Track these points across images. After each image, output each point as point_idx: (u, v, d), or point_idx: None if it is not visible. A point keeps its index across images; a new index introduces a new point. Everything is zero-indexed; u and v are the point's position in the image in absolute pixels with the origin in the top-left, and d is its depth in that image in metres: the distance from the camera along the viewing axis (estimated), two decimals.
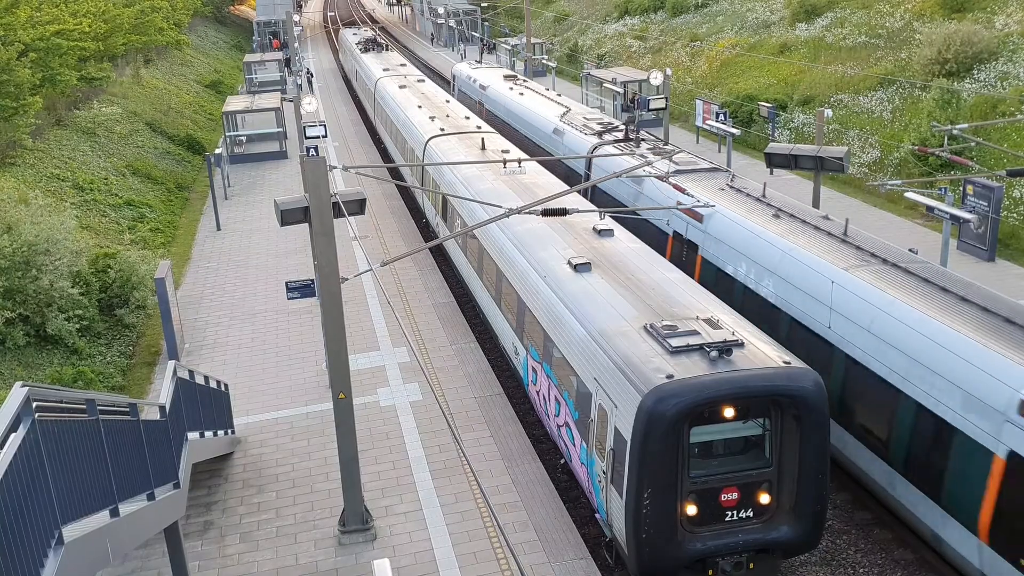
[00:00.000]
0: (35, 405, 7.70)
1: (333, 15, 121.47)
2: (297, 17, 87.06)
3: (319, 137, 30.94)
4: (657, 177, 17.49)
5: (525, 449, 17.35)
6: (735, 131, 33.29)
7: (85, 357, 21.88)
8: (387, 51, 59.00)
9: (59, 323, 21.52)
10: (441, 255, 28.92)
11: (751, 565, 13.08)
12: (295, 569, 14.26)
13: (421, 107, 35.16)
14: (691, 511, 12.73)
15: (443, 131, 29.99)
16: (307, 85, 64.40)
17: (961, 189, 25.56)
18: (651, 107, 39.64)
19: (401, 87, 41.01)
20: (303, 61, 71.47)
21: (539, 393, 17.12)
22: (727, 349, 12.74)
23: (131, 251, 26.01)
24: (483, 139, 27.81)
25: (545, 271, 17.27)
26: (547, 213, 15.54)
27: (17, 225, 22.11)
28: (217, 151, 36.24)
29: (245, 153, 42.91)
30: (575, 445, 14.95)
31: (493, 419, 18.48)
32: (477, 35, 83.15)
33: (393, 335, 22.77)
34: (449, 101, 37.64)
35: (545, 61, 60.11)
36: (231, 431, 17.91)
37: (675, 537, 12.62)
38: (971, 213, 23.16)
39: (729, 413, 12.56)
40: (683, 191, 18.27)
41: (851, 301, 15.34)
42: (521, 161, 20.20)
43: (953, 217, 20.97)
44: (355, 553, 14.55)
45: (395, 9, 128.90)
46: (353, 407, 14.49)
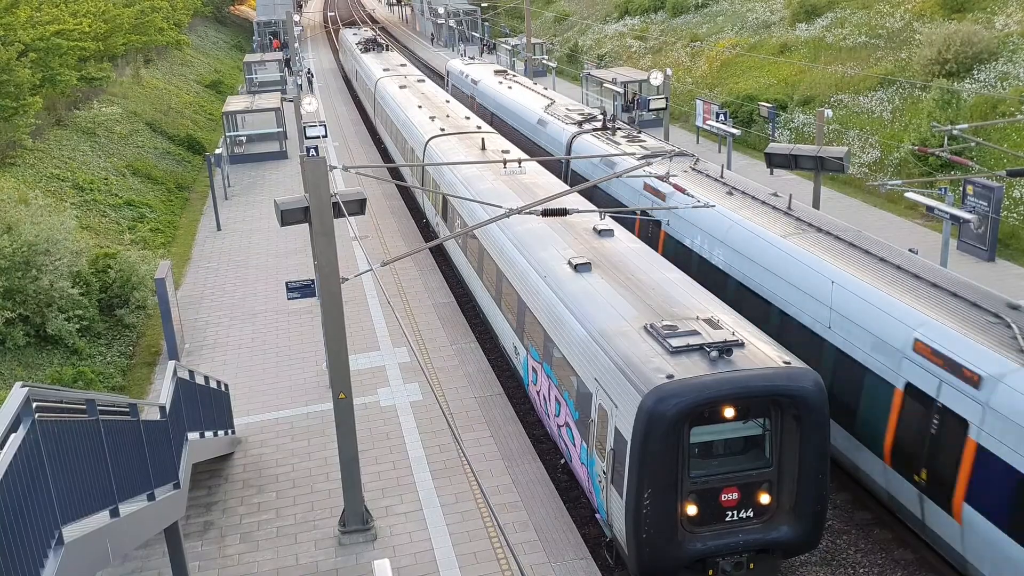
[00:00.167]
0: (35, 405, 7.70)
1: (333, 15, 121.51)
2: (297, 17, 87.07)
3: (319, 137, 30.96)
4: (657, 177, 17.61)
5: (525, 449, 17.35)
6: (735, 131, 33.29)
7: (85, 357, 21.87)
8: (387, 51, 59.00)
9: (59, 323, 21.52)
10: (441, 255, 28.92)
11: (751, 565, 13.08)
12: (295, 569, 14.27)
13: (421, 107, 35.16)
14: (691, 511, 12.73)
15: (443, 131, 29.99)
16: (307, 85, 64.41)
17: (961, 189, 25.55)
18: (651, 107, 39.71)
19: (401, 87, 41.01)
20: (303, 61, 71.48)
21: (539, 393, 17.12)
22: (727, 349, 12.75)
23: (131, 251, 26.00)
24: (483, 139, 27.81)
25: (545, 271, 17.27)
26: (547, 213, 15.53)
27: (17, 225, 22.11)
28: (217, 151, 36.24)
29: (245, 153, 42.89)
30: (575, 445, 14.95)
31: (493, 419, 18.48)
32: (477, 35, 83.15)
33: (393, 335, 22.77)
34: (449, 101, 37.65)
35: (545, 61, 60.11)
36: (231, 431, 17.91)
37: (675, 537, 12.63)
38: (971, 213, 23.16)
39: (729, 413, 12.56)
40: (683, 191, 18.48)
41: (786, 262, 16.96)
42: (521, 161, 20.20)
43: (953, 217, 20.98)
44: (355, 553, 14.55)
45: (395, 9, 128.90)
46: (353, 407, 14.50)
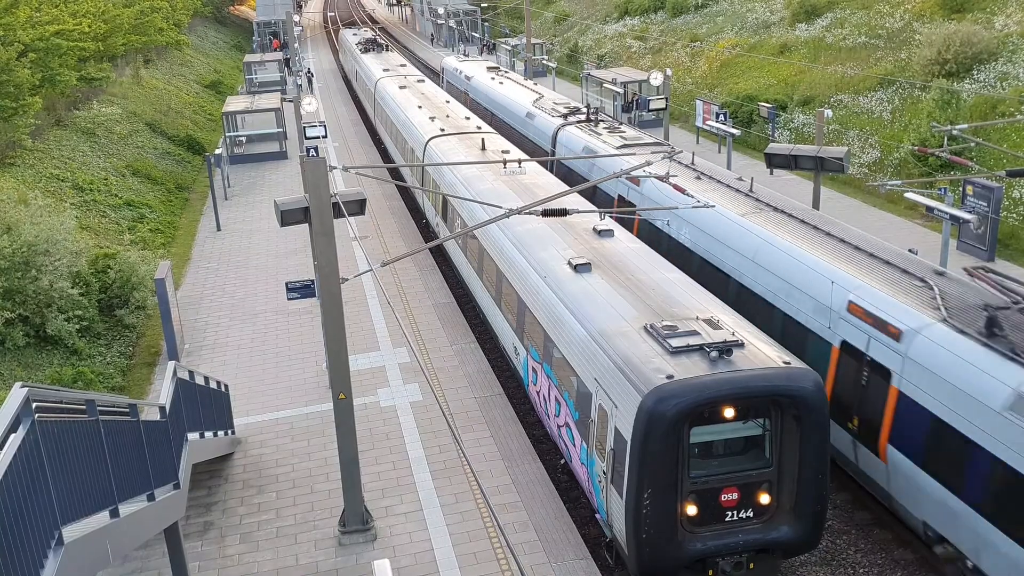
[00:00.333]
0: (35, 406, 7.70)
1: (333, 15, 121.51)
2: (297, 17, 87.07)
3: (319, 137, 30.92)
4: (657, 178, 17.67)
5: (525, 449, 17.35)
6: (735, 131, 33.28)
7: (85, 357, 21.87)
8: (387, 51, 59.00)
9: (59, 323, 21.51)
10: (441, 255, 28.92)
11: (751, 565, 13.08)
12: (295, 569, 14.27)
13: (421, 107, 35.17)
14: (691, 511, 12.73)
15: (443, 131, 29.99)
16: (307, 85, 64.40)
17: (961, 189, 25.55)
18: (651, 107, 39.69)
19: (401, 87, 41.01)
20: (303, 61, 71.47)
21: (539, 393, 17.11)
22: (727, 349, 12.75)
23: (131, 251, 26.00)
24: (483, 139, 27.81)
25: (545, 271, 17.27)
26: (547, 213, 15.54)
27: (17, 225, 22.10)
28: (217, 151, 36.22)
29: (245, 153, 42.88)
30: (575, 445, 14.94)
31: (493, 419, 18.48)
32: (477, 35, 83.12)
33: (393, 335, 22.76)
34: (449, 102, 37.66)
35: (545, 62, 60.11)
36: (231, 431, 17.91)
37: (675, 537, 12.62)
38: (971, 213, 23.16)
39: (729, 413, 12.56)
40: (683, 191, 18.54)
41: (744, 238, 18.61)
42: (521, 161, 20.22)
43: (953, 217, 20.97)
44: (355, 553, 14.55)
45: (395, 9, 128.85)
46: (353, 407, 14.49)
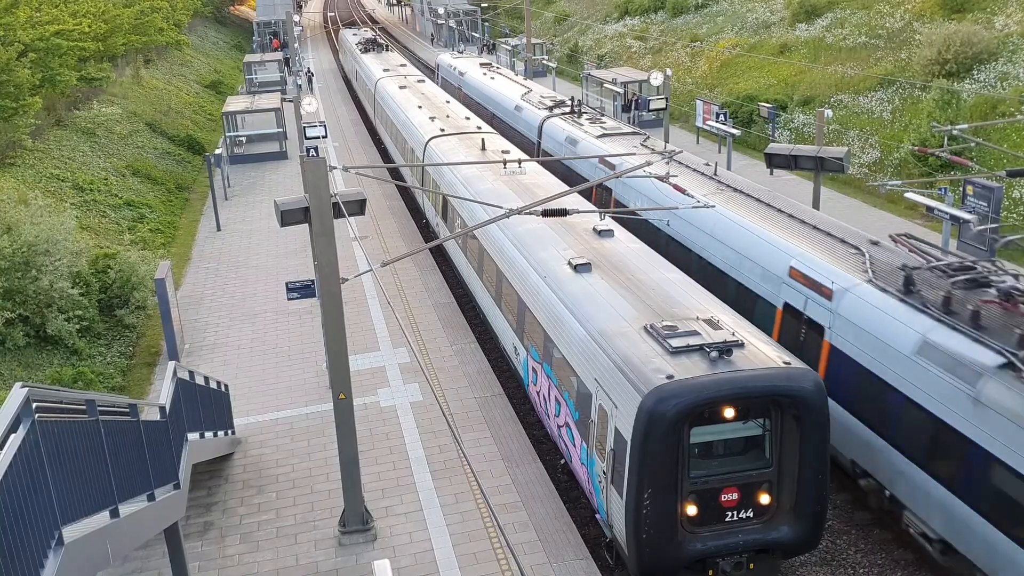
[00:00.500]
0: (35, 406, 7.70)
1: (333, 15, 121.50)
2: (297, 17, 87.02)
3: (319, 137, 30.92)
4: (657, 178, 17.71)
5: (525, 449, 17.35)
6: (735, 131, 33.28)
7: (85, 358, 21.87)
8: (387, 51, 59.01)
9: (59, 323, 21.51)
10: (441, 255, 28.92)
11: (751, 565, 13.07)
12: (295, 570, 14.27)
13: (421, 107, 35.17)
14: (691, 511, 12.73)
15: (443, 131, 29.99)
16: (307, 85, 64.39)
17: (961, 189, 25.53)
18: (651, 108, 39.72)
19: (401, 87, 41.02)
20: (303, 61, 71.47)
21: (539, 393, 17.11)
22: (727, 349, 12.75)
23: (131, 251, 26.00)
24: (483, 139, 27.81)
25: (545, 271, 17.27)
26: (547, 214, 15.54)
27: (17, 226, 22.10)
28: (217, 151, 36.21)
29: (245, 153, 42.87)
30: (575, 445, 14.94)
31: (493, 419, 18.48)
32: (477, 35, 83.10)
33: (393, 335, 22.77)
34: (449, 102, 37.68)
35: (545, 61, 60.07)
36: (231, 432, 17.91)
37: (675, 537, 12.62)
38: (971, 213, 23.14)
39: (729, 413, 12.56)
40: (683, 191, 18.57)
41: (704, 215, 20.11)
42: (521, 161, 20.21)
43: (953, 217, 20.97)
44: (355, 554, 14.55)
45: (395, 9, 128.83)
46: (353, 408, 14.50)
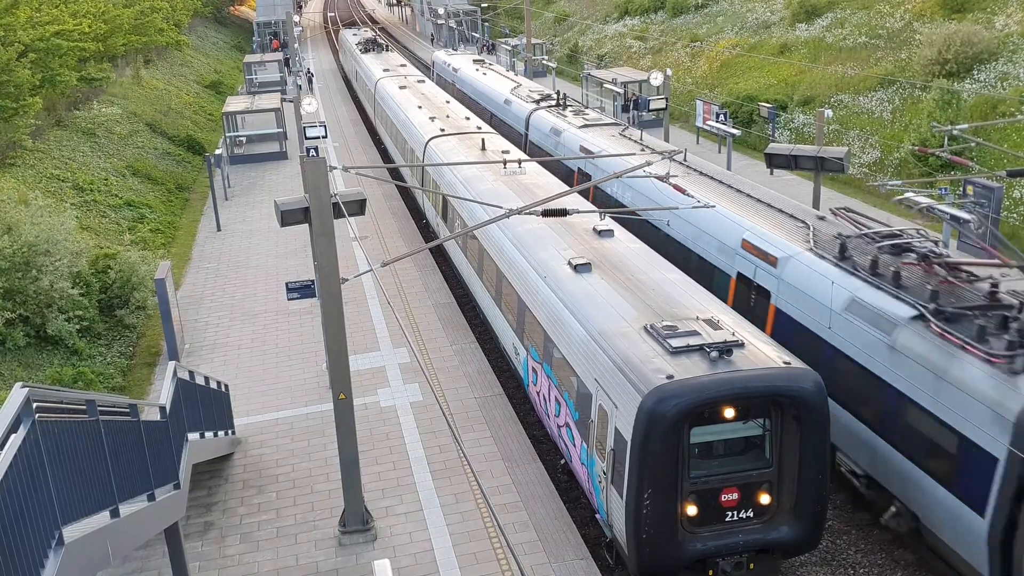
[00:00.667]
0: (35, 406, 7.70)
1: (333, 15, 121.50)
2: (297, 18, 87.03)
3: (319, 138, 30.91)
4: (657, 178, 17.73)
5: (525, 449, 17.35)
6: (735, 131, 33.27)
7: (85, 358, 21.88)
8: (387, 52, 59.03)
9: (59, 324, 21.51)
10: (441, 255, 28.92)
11: (751, 565, 13.07)
12: (295, 570, 14.27)
13: (421, 107, 35.17)
14: (691, 511, 12.73)
15: (443, 131, 29.99)
16: (307, 85, 64.39)
17: (961, 189, 25.53)
18: (651, 108, 39.70)
19: (401, 88, 41.02)
20: (303, 61, 71.46)
21: (539, 393, 17.12)
22: (727, 349, 12.75)
23: (131, 252, 26.00)
24: (483, 139, 27.81)
25: (545, 271, 17.27)
26: (547, 214, 15.54)
27: (17, 226, 22.10)
28: (217, 152, 36.20)
29: (245, 154, 42.86)
30: (575, 445, 14.94)
31: (493, 419, 18.48)
32: (477, 35, 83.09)
33: (393, 335, 22.77)
34: (449, 102, 37.70)
35: (545, 62, 60.03)
36: (231, 432, 17.92)
37: (675, 537, 12.63)
38: (971, 213, 23.13)
39: (729, 413, 12.56)
40: (683, 191, 18.59)
41: (670, 195, 20.67)
42: (521, 162, 20.21)
43: (953, 217, 20.95)
44: (355, 554, 14.55)
45: (395, 10, 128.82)
46: (353, 408, 14.50)
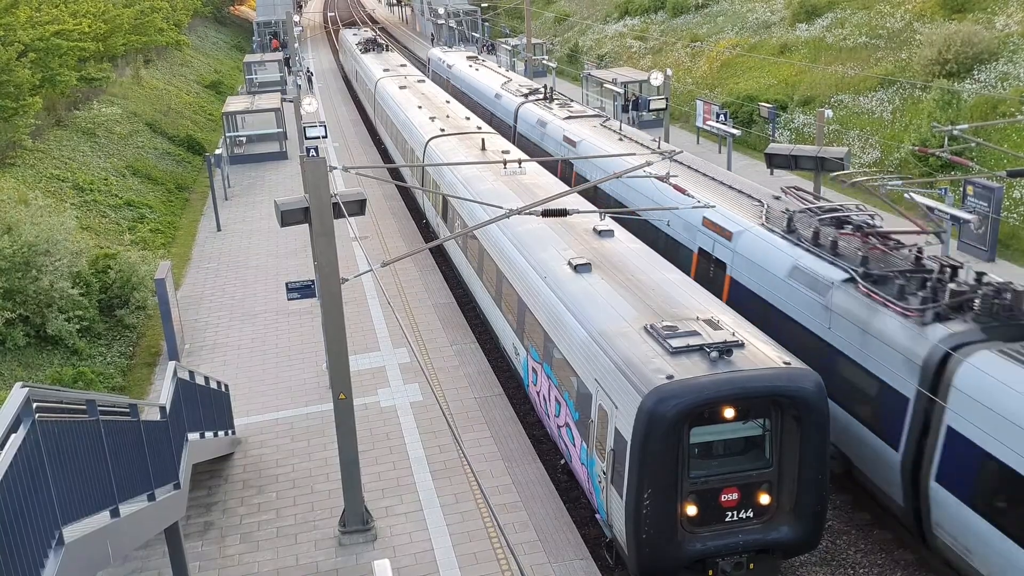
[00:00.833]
0: (35, 406, 7.70)
1: (333, 15, 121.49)
2: (297, 17, 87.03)
3: (319, 138, 30.91)
4: (657, 178, 17.74)
5: (525, 449, 17.36)
6: (735, 131, 33.27)
7: (85, 358, 21.88)
8: (387, 52, 59.02)
9: (59, 324, 21.51)
10: (441, 256, 28.92)
11: (751, 565, 13.07)
12: (295, 570, 14.27)
13: (421, 107, 35.16)
14: (691, 511, 12.73)
15: (443, 131, 29.98)
16: (307, 85, 64.38)
17: (961, 189, 25.55)
18: (651, 108, 39.70)
19: (401, 88, 41.01)
20: (303, 61, 71.45)
21: (539, 394, 17.12)
22: (727, 350, 12.75)
23: (131, 252, 25.99)
24: (483, 139, 27.81)
25: (545, 272, 17.27)
26: (547, 214, 15.54)
27: (17, 226, 22.10)
28: (217, 152, 36.19)
29: (245, 154, 42.86)
30: (575, 445, 14.95)
31: (493, 419, 18.48)
32: (477, 35, 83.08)
33: (393, 335, 22.77)
34: (449, 102, 37.71)
35: (545, 62, 60.00)
36: (231, 432, 17.92)
37: (675, 537, 12.63)
38: (971, 213, 23.15)
39: (729, 414, 12.56)
40: (683, 191, 18.64)
41: (642, 181, 22.50)
42: (521, 162, 20.21)
43: (953, 217, 20.96)
44: (355, 554, 14.55)
45: (395, 10, 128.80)
46: (353, 408, 14.50)
